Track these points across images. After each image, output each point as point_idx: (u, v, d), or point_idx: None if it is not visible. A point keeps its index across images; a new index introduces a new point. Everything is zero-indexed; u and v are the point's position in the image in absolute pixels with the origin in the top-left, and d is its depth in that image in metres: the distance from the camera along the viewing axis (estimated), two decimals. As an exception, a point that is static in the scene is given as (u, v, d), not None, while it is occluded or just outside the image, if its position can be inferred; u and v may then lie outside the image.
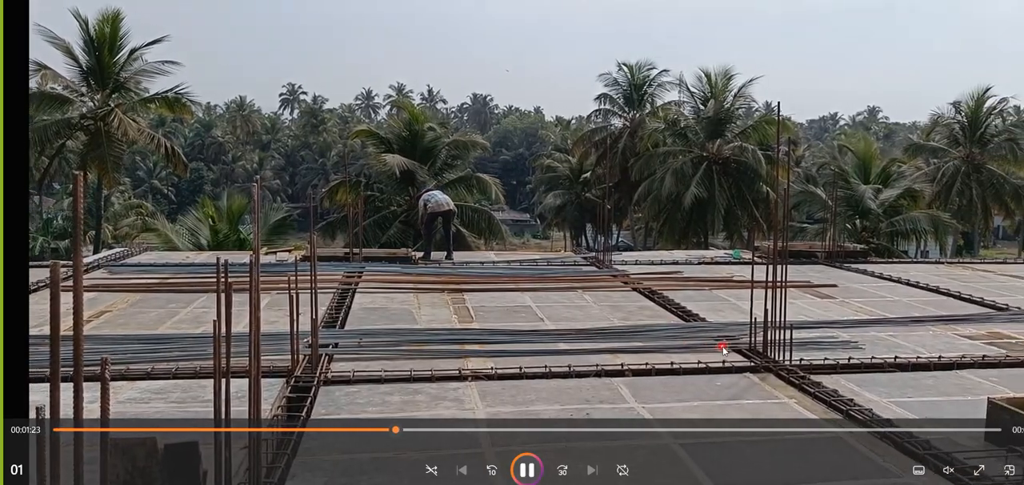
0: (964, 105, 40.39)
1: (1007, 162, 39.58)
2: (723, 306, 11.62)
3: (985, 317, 11.19)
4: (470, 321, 10.52)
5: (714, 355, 8.64)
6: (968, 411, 6.70)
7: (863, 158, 35.53)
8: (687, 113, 36.71)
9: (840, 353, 8.84)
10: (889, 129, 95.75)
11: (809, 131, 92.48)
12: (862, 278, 14.98)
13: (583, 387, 7.61)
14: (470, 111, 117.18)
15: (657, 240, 35.21)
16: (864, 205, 31.99)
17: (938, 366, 8.51)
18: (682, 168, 33.22)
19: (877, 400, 7.40)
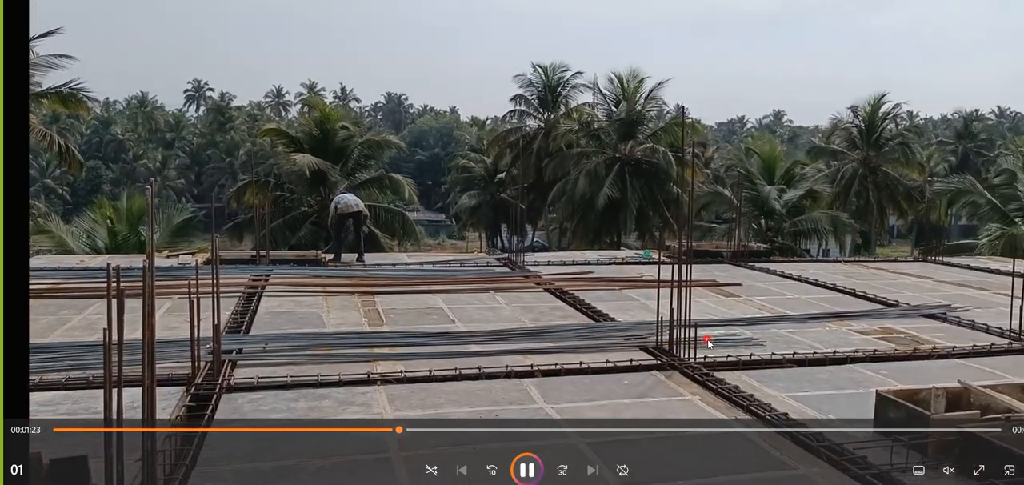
0: (861, 110, 42.34)
1: (900, 165, 41.70)
2: (632, 306, 11.83)
3: (877, 313, 11.73)
4: (380, 324, 10.39)
5: (622, 354, 8.79)
6: (860, 403, 7.01)
7: (768, 160, 36.82)
8: (600, 115, 37.30)
9: (742, 350, 9.12)
10: (793, 132, 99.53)
11: (718, 133, 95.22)
12: (765, 276, 15.51)
13: (493, 388, 7.61)
14: (384, 110, 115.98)
15: (571, 240, 35.61)
16: (769, 205, 33.16)
17: (833, 361, 8.88)
18: (595, 169, 33.72)
19: (776, 395, 7.66)
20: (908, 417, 6.26)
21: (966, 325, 11.00)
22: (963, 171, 53.08)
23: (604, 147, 35.28)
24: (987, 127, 79.24)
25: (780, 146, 47.45)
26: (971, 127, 74.81)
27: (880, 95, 41.17)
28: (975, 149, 69.29)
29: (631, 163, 34.32)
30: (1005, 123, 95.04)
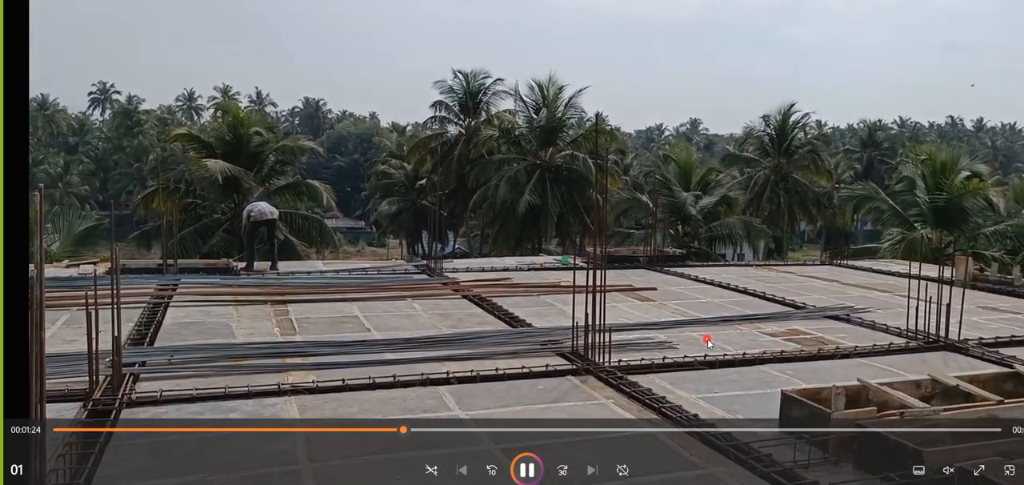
0: (772, 119, 43.81)
1: (809, 172, 43.28)
2: (550, 311, 11.89)
3: (785, 315, 12.11)
4: (293, 333, 10.15)
5: (538, 359, 8.81)
6: (767, 403, 7.21)
7: (684, 167, 37.67)
8: (521, 122, 37.48)
9: (656, 353, 9.27)
10: (709, 140, 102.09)
11: (637, 141, 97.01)
12: (680, 281, 15.83)
13: (408, 397, 7.53)
14: (302, 115, 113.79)
15: (493, 247, 35.65)
16: (686, 211, 33.91)
17: (742, 362, 9.11)
18: (516, 176, 33.87)
19: (687, 396, 7.81)
20: (810, 415, 6.47)
21: (867, 326, 11.45)
22: (868, 178, 55.41)
23: (525, 154, 35.48)
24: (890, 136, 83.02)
25: (696, 153, 48.64)
26: (875, 136, 78.25)
27: (789, 105, 42.68)
28: (879, 157, 72.42)
29: (552, 169, 34.61)
30: (906, 132, 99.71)
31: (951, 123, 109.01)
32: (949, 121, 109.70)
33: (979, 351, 9.82)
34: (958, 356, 9.68)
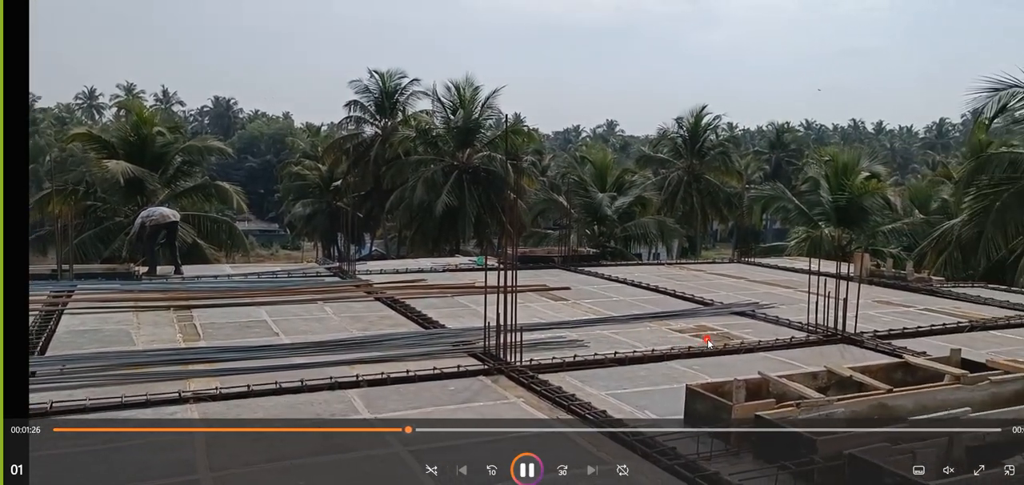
0: (685, 121, 44.89)
1: (721, 173, 44.52)
2: (464, 312, 11.85)
3: (693, 312, 12.39)
4: (197, 339, 9.81)
5: (450, 360, 8.77)
6: (673, 398, 7.34)
7: (600, 168, 38.23)
8: (438, 123, 37.31)
9: (567, 351, 9.34)
10: (625, 141, 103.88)
11: (554, 142, 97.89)
12: (594, 280, 16.03)
13: (315, 401, 7.37)
14: (212, 115, 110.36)
15: (410, 248, 35.38)
16: (602, 212, 34.41)
17: (651, 359, 9.28)
18: (433, 177, 33.70)
19: (596, 393, 7.90)
20: (713, 409, 6.63)
21: (771, 321, 11.82)
22: (776, 179, 57.34)
23: (442, 154, 35.34)
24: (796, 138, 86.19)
25: (612, 155, 49.41)
26: (783, 138, 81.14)
27: (701, 107, 43.80)
28: (786, 158, 75.02)
29: (469, 170, 34.58)
30: (812, 135, 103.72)
31: (853, 126, 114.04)
32: (851, 124, 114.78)
33: (873, 343, 10.25)
34: (854, 348, 10.09)
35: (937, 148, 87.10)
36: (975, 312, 12.97)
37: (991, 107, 21.61)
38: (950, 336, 10.89)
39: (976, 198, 21.99)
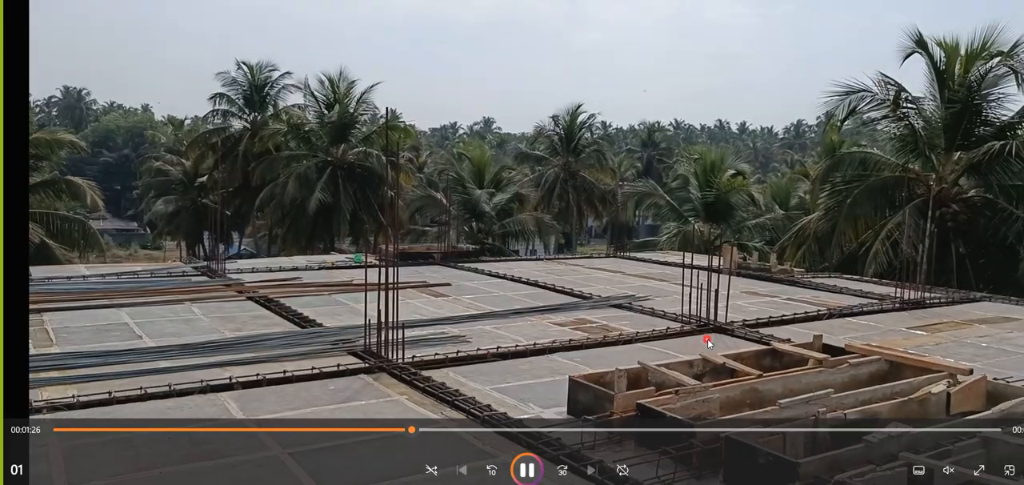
0: (561, 119, 45.59)
1: (596, 170, 45.50)
2: (343, 310, 11.55)
3: (573, 306, 12.57)
4: (49, 345, 9.10)
5: (330, 359, 8.52)
6: (556, 389, 7.40)
7: (478, 165, 38.29)
8: (311, 117, 36.24)
9: (450, 348, 9.27)
10: (502, 139, 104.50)
11: (432, 139, 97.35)
12: (474, 276, 16.00)
13: (185, 406, 6.98)
14: (61, 106, 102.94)
15: (282, 247, 34.23)
16: (480, 208, 34.48)
17: (533, 352, 9.34)
18: (306, 173, 32.73)
19: (480, 388, 7.86)
20: (595, 398, 6.73)
21: (647, 312, 12.17)
22: (648, 176, 59.30)
23: (316, 150, 34.36)
24: (667, 137, 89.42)
25: (490, 152, 49.61)
26: (654, 137, 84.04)
27: (577, 106, 44.59)
28: (658, 157, 77.67)
29: (344, 167, 33.79)
30: (681, 134, 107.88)
31: (719, 126, 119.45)
32: (717, 124, 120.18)
33: (743, 331, 10.73)
34: (726, 337, 10.52)
35: (795, 148, 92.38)
36: (832, 300, 13.81)
37: (842, 109, 23.07)
38: (812, 323, 11.54)
39: (830, 194, 23.42)
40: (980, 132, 21.51)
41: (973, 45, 21.36)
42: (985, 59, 21.31)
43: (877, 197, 21.88)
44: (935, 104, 22.09)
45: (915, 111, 22.47)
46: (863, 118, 24.42)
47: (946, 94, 21.63)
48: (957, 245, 20.61)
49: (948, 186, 21.39)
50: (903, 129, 22.66)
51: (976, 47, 21.32)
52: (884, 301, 13.51)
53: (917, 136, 22.21)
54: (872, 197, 21.87)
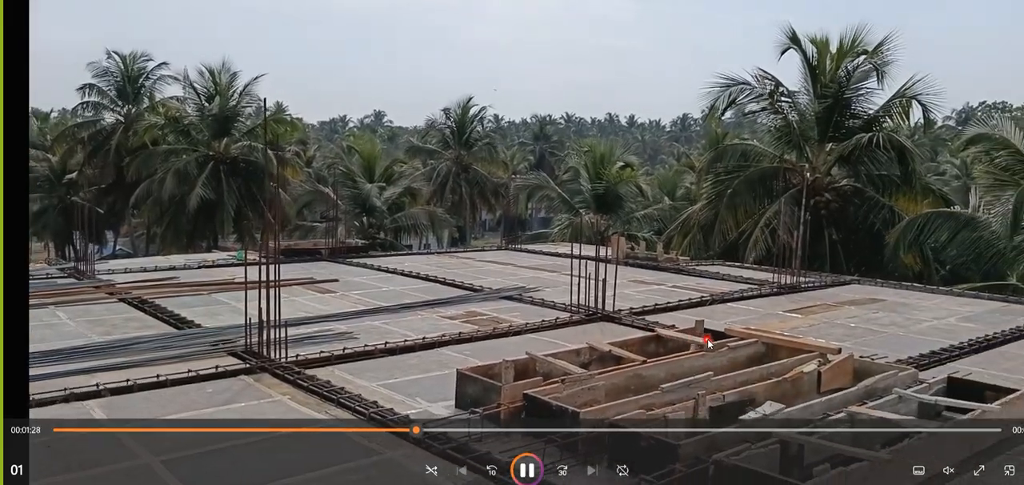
0: (453, 112, 45.41)
1: (488, 163, 45.58)
2: (223, 310, 11.08)
3: (463, 299, 12.51)
4: None
5: (208, 361, 8.13)
6: (446, 383, 7.31)
7: (368, 159, 37.66)
8: (190, 110, 34.65)
9: (336, 345, 9.02)
10: (393, 132, 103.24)
11: (321, 132, 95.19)
12: (363, 271, 15.69)
13: (45, 416, 6.50)
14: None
15: (162, 246, 32.66)
16: (370, 203, 33.91)
17: (422, 346, 9.22)
18: (186, 168, 31.28)
19: (367, 385, 7.68)
20: (483, 390, 6.68)
21: (537, 303, 12.23)
22: (540, 169, 59.89)
23: (196, 144, 32.88)
24: (558, 130, 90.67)
25: (380, 145, 48.95)
26: (546, 130, 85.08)
27: (468, 98, 44.51)
28: (549, 150, 78.61)
29: (227, 161, 32.50)
30: (572, 127, 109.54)
31: (609, 119, 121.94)
32: (607, 117, 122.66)
33: (630, 319, 10.94)
34: (613, 325, 10.70)
35: (682, 140, 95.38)
36: (715, 287, 14.29)
37: (722, 101, 23.95)
38: (695, 309, 11.89)
39: (713, 185, 24.29)
40: (850, 125, 22.78)
41: (843, 43, 22.61)
42: (853, 56, 22.61)
43: (756, 187, 22.85)
44: (809, 98, 23.25)
45: (790, 105, 23.58)
46: (744, 111, 25.46)
47: (818, 89, 22.81)
48: (830, 232, 21.76)
49: (821, 176, 22.55)
50: (780, 122, 23.74)
51: (846, 45, 22.57)
52: (763, 286, 14.08)
53: (792, 128, 23.31)
54: (752, 187, 22.82)
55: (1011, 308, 12.80)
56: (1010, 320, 11.42)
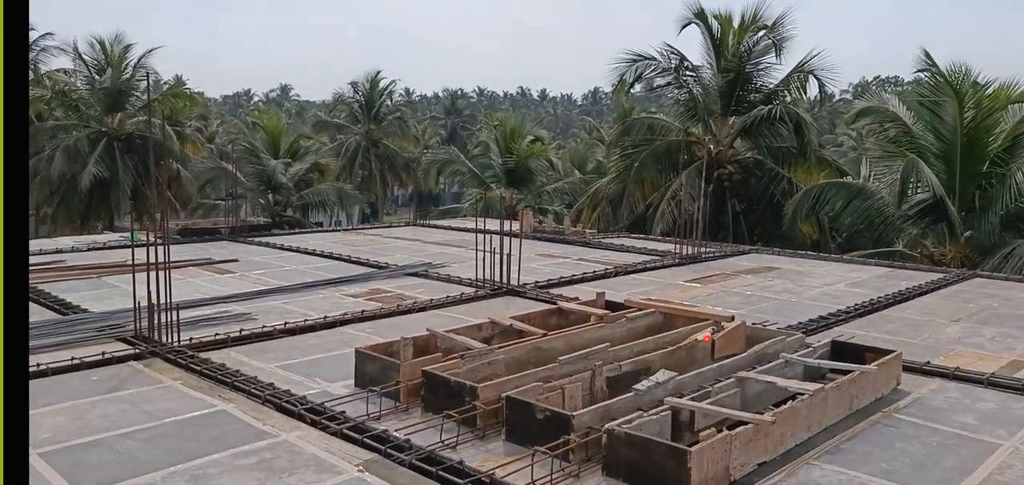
0: (361, 86, 44.54)
1: (398, 138, 44.95)
2: (114, 294, 10.59)
3: (368, 276, 12.33)
4: None
5: (94, 348, 7.77)
6: (345, 362, 7.17)
7: (273, 134, 36.56)
8: (80, 84, 32.88)
9: (232, 327, 8.75)
10: (301, 106, 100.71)
11: (224, 107, 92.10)
12: (264, 251, 15.26)
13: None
14: None
15: (53, 227, 31.00)
16: (276, 180, 33.02)
17: (323, 326, 9.04)
18: (77, 145, 29.67)
19: (264, 366, 7.48)
20: (382, 369, 6.60)
21: (444, 279, 12.16)
22: (452, 144, 59.50)
23: (87, 120, 31.28)
24: (470, 104, 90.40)
25: (286, 120, 47.66)
26: (457, 104, 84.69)
27: (376, 72, 43.72)
28: (462, 124, 78.30)
29: (122, 138, 31.02)
30: (484, 101, 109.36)
31: (521, 93, 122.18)
32: (520, 91, 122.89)
33: (534, 293, 11.00)
34: (518, 299, 10.74)
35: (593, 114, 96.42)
36: (620, 259, 14.52)
37: (630, 75, 24.29)
38: (599, 281, 12.05)
39: (620, 158, 24.66)
40: (751, 98, 23.47)
41: (745, 18, 23.22)
42: (754, 32, 23.24)
43: (662, 160, 23.31)
44: (712, 72, 23.82)
45: (695, 79, 24.11)
46: (652, 84, 25.90)
47: (722, 64, 23.39)
48: (733, 203, 22.43)
49: (724, 149, 23.17)
50: (685, 96, 24.26)
51: (747, 20, 23.18)
52: (665, 257, 14.39)
53: (697, 102, 23.87)
54: (658, 160, 23.27)
55: (896, 273, 13.47)
56: (894, 284, 12.03)
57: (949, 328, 9.46)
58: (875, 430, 5.97)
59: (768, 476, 5.09)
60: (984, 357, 8.07)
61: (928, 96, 18.20)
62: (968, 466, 5.33)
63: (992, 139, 17.62)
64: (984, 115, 17.33)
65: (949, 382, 7.16)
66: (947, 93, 17.30)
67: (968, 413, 6.37)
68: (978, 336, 9.06)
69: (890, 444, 5.69)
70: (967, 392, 6.91)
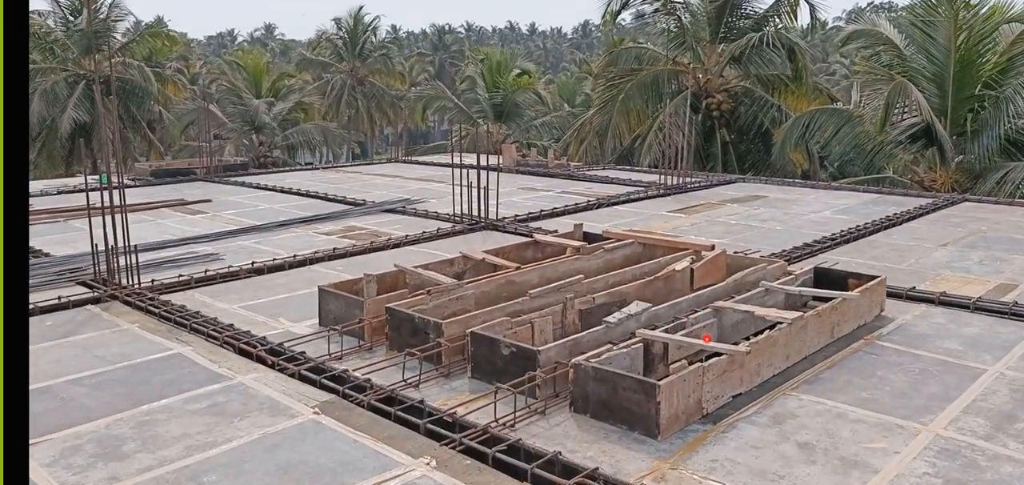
0: (344, 22, 43.57)
1: (385, 75, 44.12)
2: (78, 237, 10.25)
3: (343, 214, 12.01)
4: None
5: (50, 292, 7.48)
6: (312, 302, 6.87)
7: (255, 73, 35.79)
8: (54, 24, 32.04)
9: (197, 268, 8.46)
10: (286, 45, 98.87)
11: (207, 47, 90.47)
12: (239, 190, 14.88)
13: None
14: None
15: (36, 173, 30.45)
16: (259, 120, 32.40)
17: (293, 265, 8.74)
18: (54, 88, 29.02)
19: (227, 307, 7.21)
20: (346, 306, 6.32)
21: (421, 215, 11.86)
22: (440, 80, 58.53)
23: (65, 63, 30.55)
24: (458, 40, 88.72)
25: (269, 59, 46.77)
26: (445, 40, 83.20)
27: (359, 7, 42.75)
28: (450, 60, 76.99)
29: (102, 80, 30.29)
30: (473, 36, 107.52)
31: (510, 27, 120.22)
32: (508, 25, 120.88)
33: (513, 227, 10.71)
34: (497, 233, 10.45)
35: (583, 47, 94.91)
36: (603, 191, 14.19)
37: (616, 3, 23.65)
38: (580, 214, 11.75)
39: (606, 88, 24.11)
40: (740, 25, 22.86)
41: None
42: (743, -47, 22.54)
43: (648, 90, 22.77)
44: (701, -1, 23.18)
45: (683, 5, 23.45)
46: (641, 13, 25.27)
47: (711, -12, 22.72)
48: (722, 133, 22.03)
49: (713, 77, 22.66)
50: (673, 24, 23.63)
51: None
52: (650, 189, 14.08)
53: (685, 30, 23.26)
54: (644, 90, 22.72)
55: (884, 199, 13.21)
56: (881, 210, 11.77)
57: (936, 253, 9.23)
58: (856, 358, 5.74)
59: (743, 409, 4.86)
60: (971, 281, 7.85)
61: (922, 16, 17.68)
62: (951, 393, 5.11)
63: (985, 61, 17.18)
64: (978, 37, 16.86)
65: (935, 307, 6.94)
66: (942, 9, 16.75)
67: (953, 339, 6.15)
68: (966, 260, 8.83)
69: (871, 372, 5.47)
70: (953, 317, 6.69)
